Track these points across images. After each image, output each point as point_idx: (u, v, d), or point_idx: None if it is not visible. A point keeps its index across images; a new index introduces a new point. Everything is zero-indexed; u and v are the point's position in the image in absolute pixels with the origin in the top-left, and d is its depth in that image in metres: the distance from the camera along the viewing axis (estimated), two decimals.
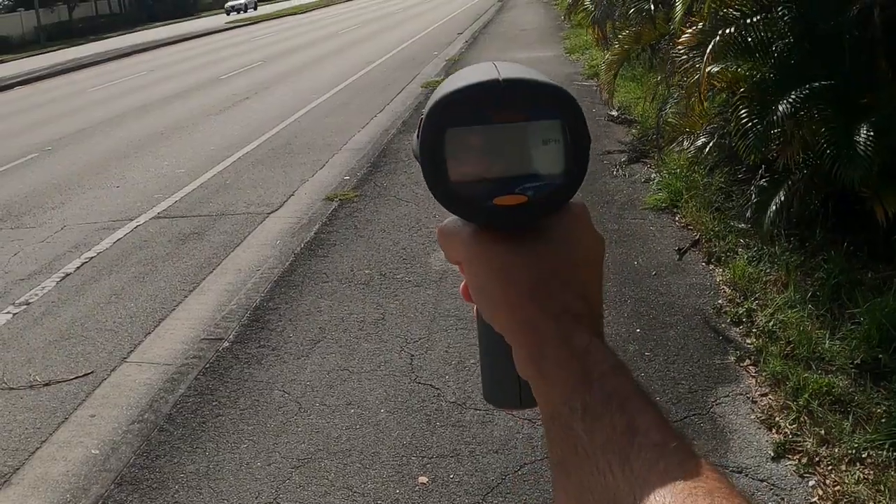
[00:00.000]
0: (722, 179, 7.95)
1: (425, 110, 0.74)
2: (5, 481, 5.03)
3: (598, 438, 0.63)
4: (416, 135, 0.75)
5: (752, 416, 4.56)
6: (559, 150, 0.74)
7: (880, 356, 4.81)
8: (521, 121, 0.73)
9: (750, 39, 6.37)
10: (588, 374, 0.67)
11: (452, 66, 20.55)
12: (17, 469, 5.15)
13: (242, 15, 75.01)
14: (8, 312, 7.66)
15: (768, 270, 6.07)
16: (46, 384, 6.16)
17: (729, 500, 0.57)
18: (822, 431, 4.28)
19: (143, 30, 65.58)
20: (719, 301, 5.94)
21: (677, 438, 0.62)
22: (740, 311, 5.67)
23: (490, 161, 0.74)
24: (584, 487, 0.64)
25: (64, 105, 23.14)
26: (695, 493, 0.57)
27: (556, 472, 0.68)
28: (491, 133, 0.73)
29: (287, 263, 7.66)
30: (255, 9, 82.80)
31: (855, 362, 4.82)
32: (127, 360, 6.43)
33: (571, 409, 0.66)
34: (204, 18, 73.87)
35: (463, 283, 0.79)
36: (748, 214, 6.55)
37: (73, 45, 55.78)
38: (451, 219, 0.78)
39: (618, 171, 9.48)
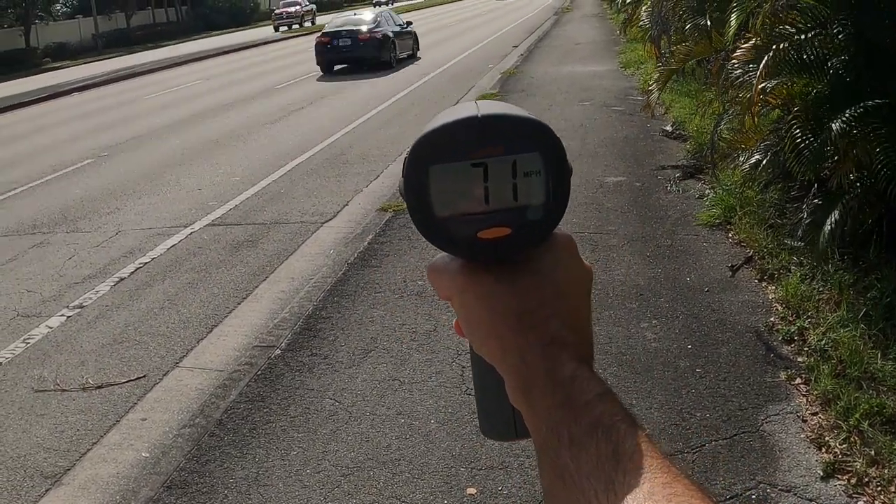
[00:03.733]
0: (776, 196, 7.91)
1: (409, 149, 0.76)
2: (56, 482, 5.11)
3: (585, 466, 0.65)
4: (401, 173, 0.77)
5: (802, 435, 4.54)
6: (540, 182, 0.76)
7: None
8: (502, 155, 0.75)
9: (805, 56, 6.35)
10: (574, 402, 0.69)
11: (508, 78, 20.57)
12: (68, 470, 5.23)
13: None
14: (62, 315, 7.77)
15: (821, 289, 6.03)
16: (99, 387, 6.25)
17: None
18: (873, 452, 4.25)
19: (199, 39, 66.09)
20: (771, 319, 5.91)
21: (662, 462, 0.63)
22: (792, 329, 5.65)
23: (473, 195, 0.75)
24: None
25: (120, 111, 23.37)
26: None
27: (546, 499, 0.70)
28: (473, 168, 0.75)
29: (340, 273, 7.72)
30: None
31: None
32: (179, 364, 6.51)
33: (559, 438, 0.68)
34: (260, 28, 74.31)
35: (456, 319, 0.81)
36: (801, 232, 6.52)
37: (131, 53, 56.23)
38: (439, 256, 0.80)
39: (672, 186, 9.46)
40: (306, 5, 73.95)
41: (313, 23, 70.90)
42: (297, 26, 69.02)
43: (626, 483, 0.62)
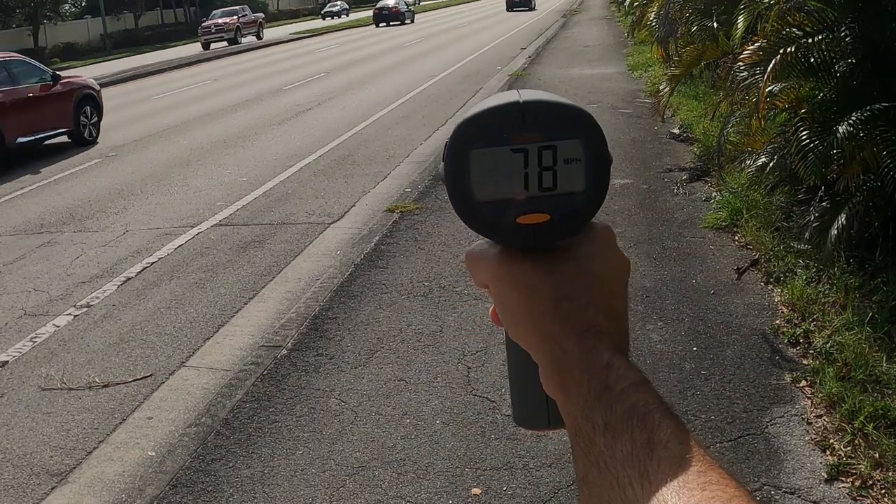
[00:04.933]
0: (782, 199, 7.91)
1: (450, 133, 0.77)
2: (62, 480, 5.13)
3: (619, 454, 0.65)
4: (441, 157, 0.78)
5: (807, 438, 4.54)
6: (580, 169, 0.76)
7: None
8: (542, 141, 0.75)
9: (812, 59, 6.35)
10: (609, 390, 0.69)
11: (516, 80, 20.57)
12: (74, 468, 5.25)
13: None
14: (69, 314, 7.80)
15: (827, 291, 6.02)
16: (105, 385, 6.27)
17: None
18: (877, 455, 4.25)
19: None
20: (777, 321, 5.91)
21: (697, 450, 0.64)
22: (798, 332, 5.64)
23: (513, 181, 0.75)
24: (604, 501, 0.66)
25: (128, 112, 23.41)
26: (712, 502, 0.59)
27: (580, 486, 0.70)
28: (513, 153, 0.75)
29: (347, 273, 7.73)
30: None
31: None
32: (186, 364, 6.53)
33: (593, 425, 0.68)
34: (268, 29, 74.29)
35: (492, 307, 0.81)
36: (807, 235, 6.51)
37: (139, 53, 56.18)
38: (477, 243, 0.81)
39: (678, 189, 9.46)
40: (244, 15, 58.72)
41: (259, 36, 58.98)
42: (236, 43, 54.41)
43: (661, 471, 0.62)
